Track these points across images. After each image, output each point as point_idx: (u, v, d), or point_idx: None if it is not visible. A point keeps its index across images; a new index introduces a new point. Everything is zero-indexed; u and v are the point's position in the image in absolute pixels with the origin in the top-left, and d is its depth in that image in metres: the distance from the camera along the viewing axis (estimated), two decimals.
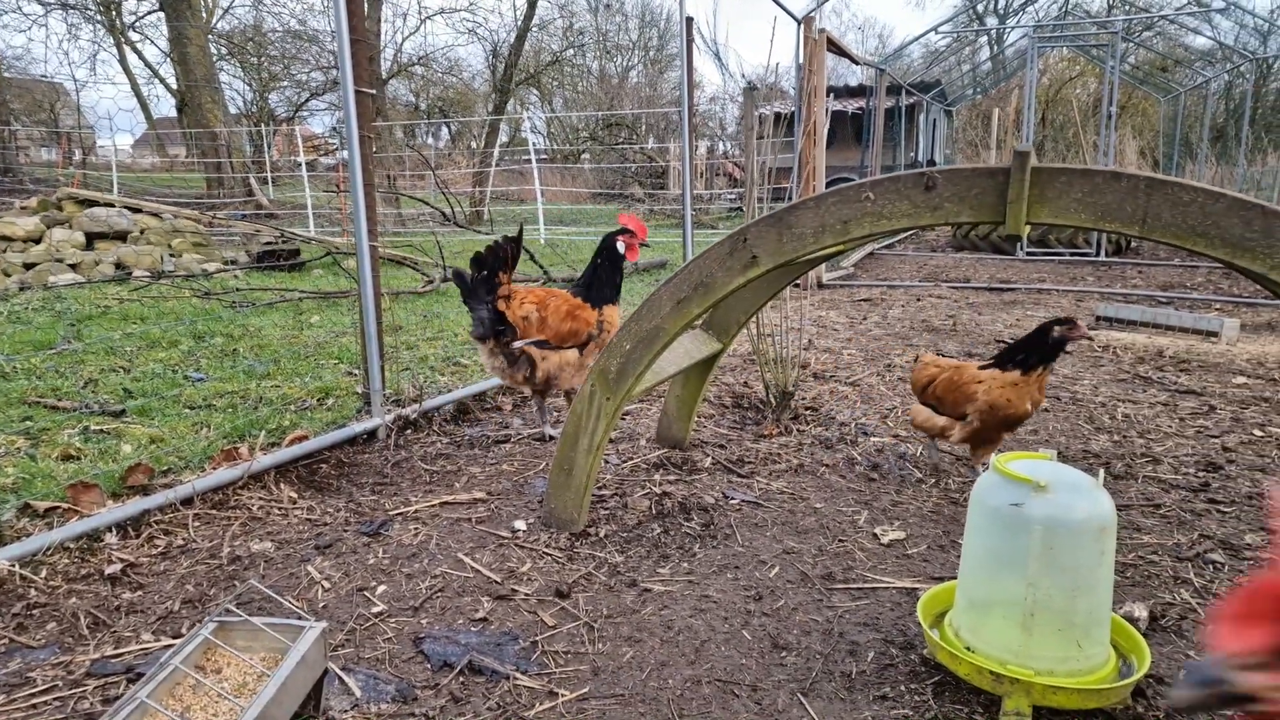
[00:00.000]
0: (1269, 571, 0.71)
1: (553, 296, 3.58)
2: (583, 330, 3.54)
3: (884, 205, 2.23)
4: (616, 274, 3.66)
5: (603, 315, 3.59)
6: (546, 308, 3.52)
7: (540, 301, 3.53)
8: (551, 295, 3.59)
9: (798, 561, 2.63)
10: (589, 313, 3.57)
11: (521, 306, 3.48)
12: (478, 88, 26.33)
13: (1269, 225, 1.85)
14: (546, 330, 3.50)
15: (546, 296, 3.57)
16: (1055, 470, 1.84)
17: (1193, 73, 18.81)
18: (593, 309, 3.58)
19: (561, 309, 3.53)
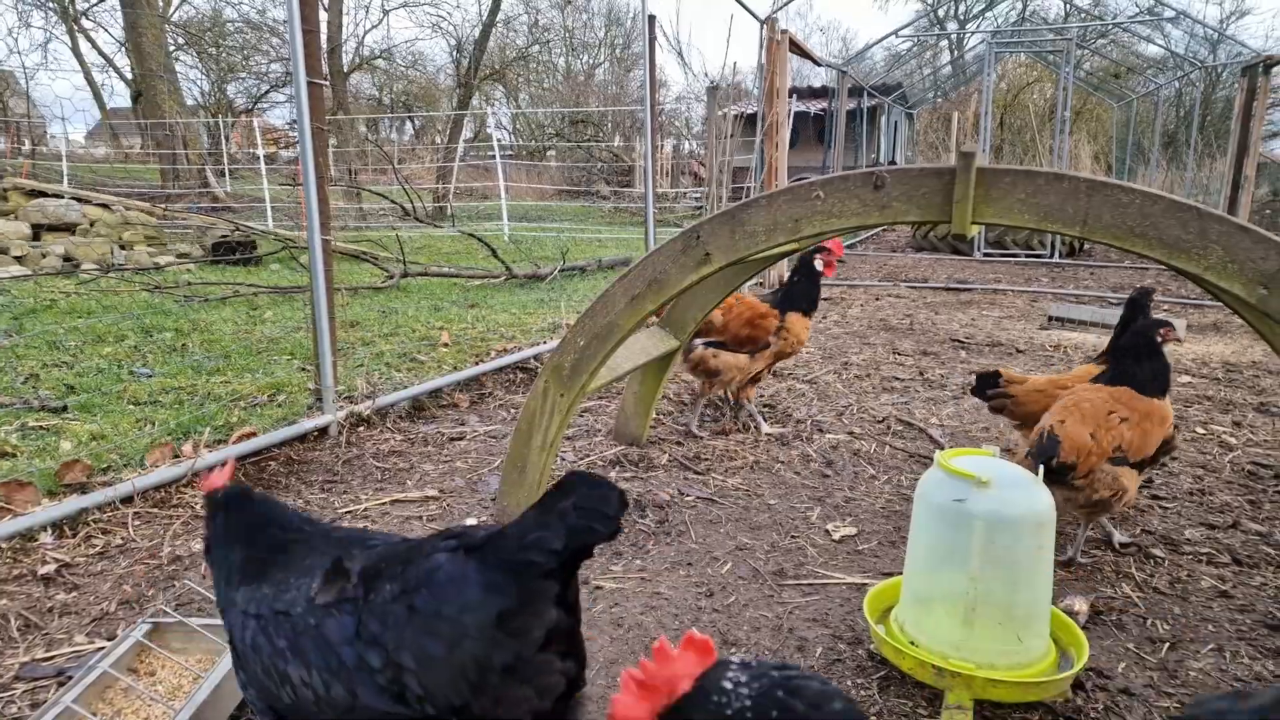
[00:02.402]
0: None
1: (740, 302, 3.78)
2: (760, 337, 3.72)
3: (834, 204, 2.25)
4: (813, 288, 3.82)
5: (784, 323, 3.73)
6: (730, 312, 3.74)
7: (726, 306, 3.72)
8: (739, 301, 3.78)
9: (750, 558, 2.64)
10: (770, 320, 3.73)
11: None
12: (441, 83, 26.07)
13: (1204, 227, 1.90)
14: (726, 334, 3.72)
15: (733, 303, 3.75)
16: (997, 466, 1.87)
17: (1145, 80, 19.31)
18: (776, 316, 3.74)
19: (744, 316, 3.73)
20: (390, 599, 1.10)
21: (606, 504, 1.03)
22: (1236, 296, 1.90)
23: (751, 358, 3.73)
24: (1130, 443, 2.47)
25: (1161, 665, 2.08)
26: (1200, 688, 1.99)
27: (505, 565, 1.05)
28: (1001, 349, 5.72)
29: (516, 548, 1.05)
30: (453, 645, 1.04)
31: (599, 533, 1.03)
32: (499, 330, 5.79)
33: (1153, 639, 2.20)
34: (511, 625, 1.04)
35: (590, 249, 12.34)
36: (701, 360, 3.72)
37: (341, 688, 1.10)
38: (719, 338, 3.72)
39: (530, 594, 1.05)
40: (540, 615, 1.06)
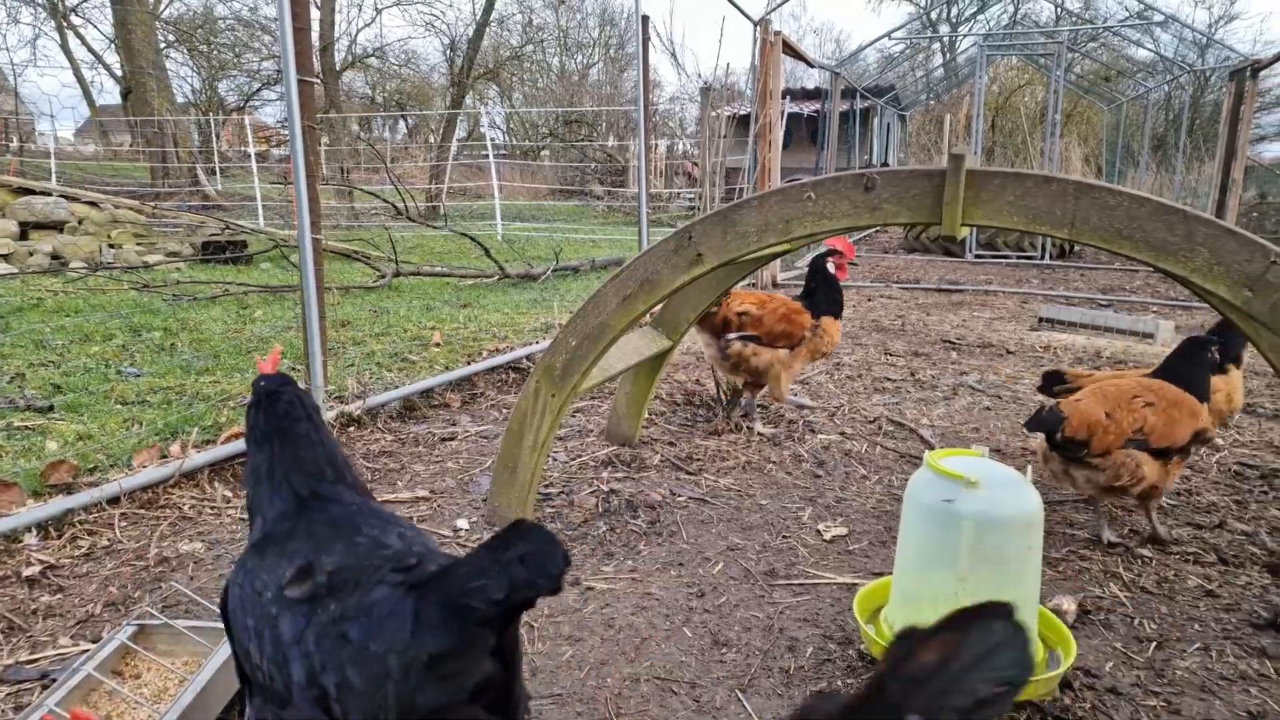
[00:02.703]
0: None
1: (773, 299, 3.84)
2: (796, 333, 3.76)
3: (825, 205, 2.25)
4: (834, 291, 3.87)
5: (819, 324, 3.80)
6: (765, 307, 3.78)
7: (759, 301, 3.81)
8: (772, 297, 3.86)
9: (741, 558, 2.64)
10: (805, 317, 3.78)
11: (741, 305, 3.78)
12: (435, 81, 26.01)
13: (1190, 230, 1.91)
14: (761, 328, 3.74)
15: (767, 299, 3.84)
16: (986, 467, 1.88)
17: (1134, 83, 19.42)
18: (809, 314, 3.80)
19: (778, 311, 3.77)
20: (330, 620, 1.11)
21: (552, 561, 1.02)
22: (1222, 299, 1.91)
23: (791, 353, 3.78)
24: (1153, 427, 2.51)
25: (1149, 664, 2.09)
26: (1187, 687, 2.00)
27: (445, 607, 1.05)
28: (992, 350, 5.74)
29: (459, 591, 1.05)
30: (376, 683, 1.04)
31: (540, 588, 1.02)
32: (491, 330, 5.78)
33: (1140, 638, 2.21)
34: (442, 670, 1.04)
35: (584, 249, 12.34)
36: (742, 356, 3.75)
37: (281, 684, 1.12)
38: (754, 332, 3.75)
39: (465, 640, 1.04)
40: (474, 663, 1.05)
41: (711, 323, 3.83)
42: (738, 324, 3.75)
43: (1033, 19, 24.81)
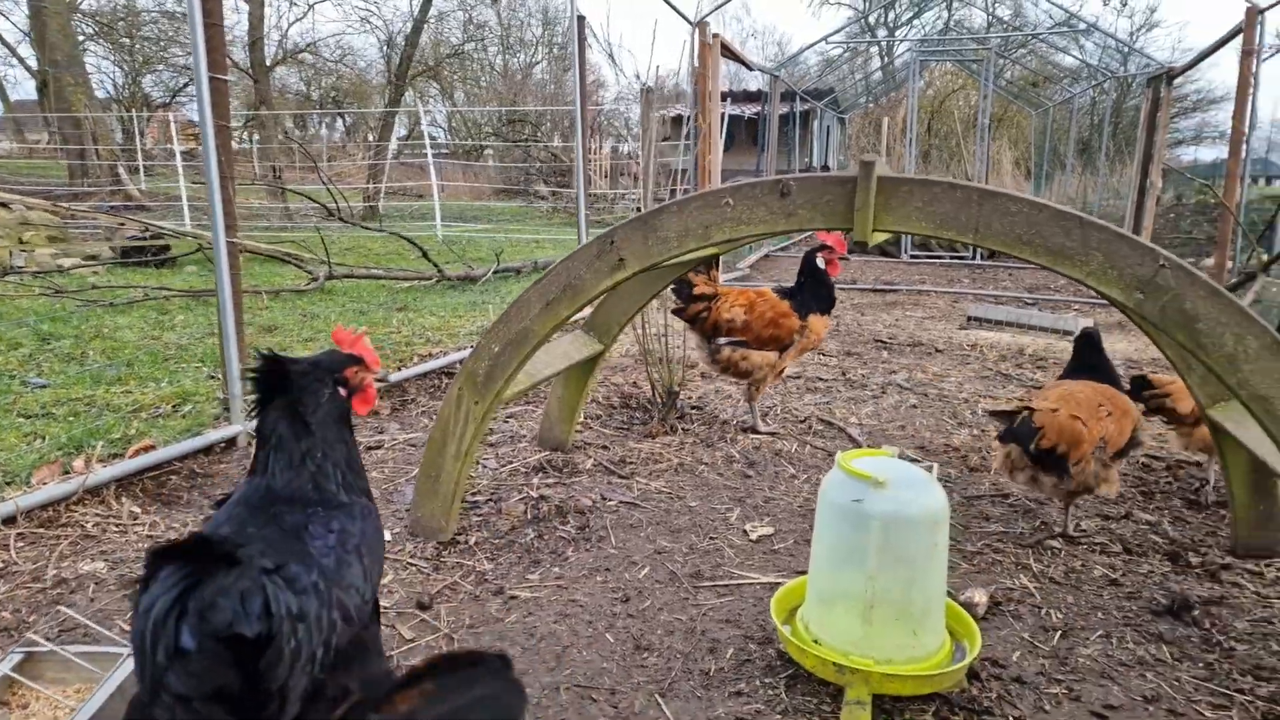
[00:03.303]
0: None
1: (761, 301, 3.88)
2: (784, 337, 3.82)
3: (743, 211, 2.28)
4: (822, 287, 3.91)
5: (806, 323, 3.84)
6: (753, 311, 3.84)
7: (749, 304, 3.86)
8: (761, 299, 3.89)
9: (668, 561, 2.66)
10: (792, 320, 3.83)
11: (730, 310, 3.85)
12: (372, 79, 25.50)
13: (1085, 235, 1.99)
14: (749, 333, 3.81)
15: (755, 301, 3.88)
16: (895, 467, 1.92)
17: (1061, 89, 20.15)
18: (797, 316, 3.84)
19: (766, 315, 3.82)
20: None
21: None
22: (1116, 300, 1.99)
23: (780, 355, 3.86)
24: (1111, 435, 2.65)
25: (1053, 653, 2.17)
26: (1088, 674, 2.08)
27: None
28: (922, 349, 5.89)
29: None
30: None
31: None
32: (425, 334, 5.69)
33: (1046, 627, 2.30)
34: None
35: (526, 250, 12.25)
36: (731, 361, 3.84)
37: None
38: (742, 337, 3.83)
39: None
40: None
41: (702, 326, 3.91)
42: (727, 329, 3.83)
43: (966, 26, 25.58)
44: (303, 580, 1.16)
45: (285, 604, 1.05)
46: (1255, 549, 2.73)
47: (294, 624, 1.06)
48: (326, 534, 1.34)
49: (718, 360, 3.89)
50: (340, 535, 1.35)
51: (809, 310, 3.88)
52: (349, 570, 1.31)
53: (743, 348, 3.83)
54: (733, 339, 3.84)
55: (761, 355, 3.83)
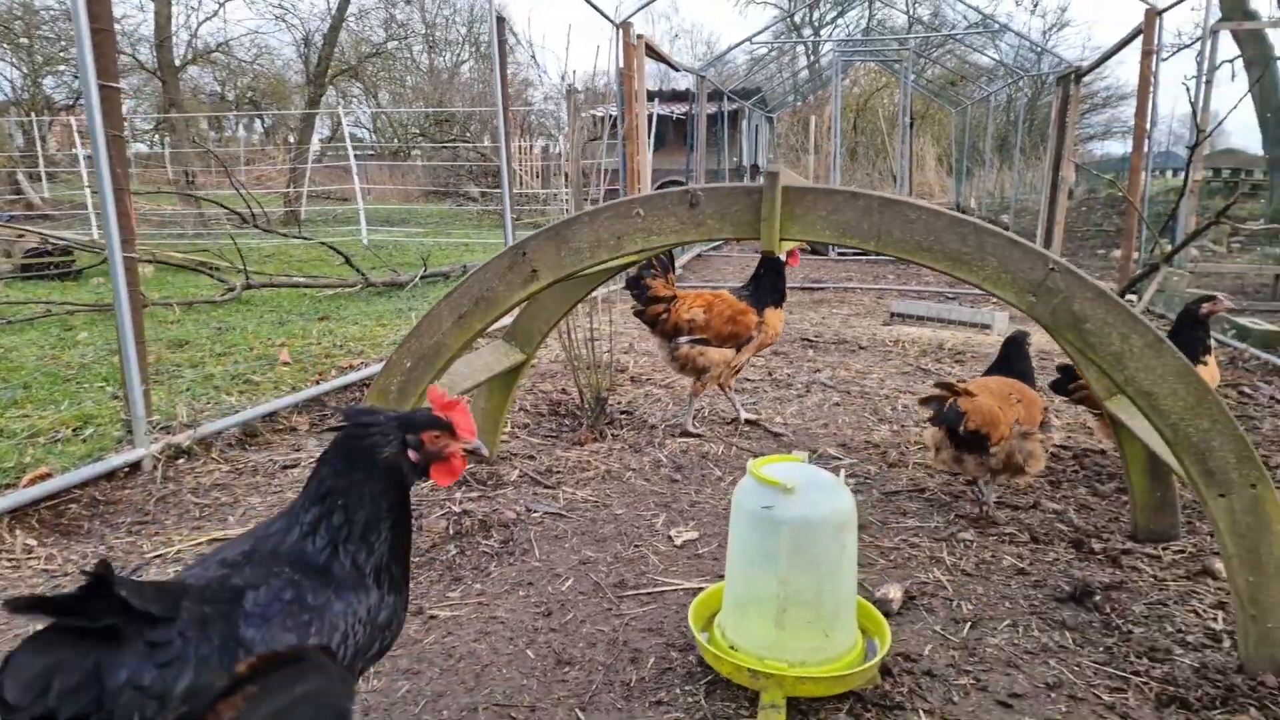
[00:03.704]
0: None
1: (719, 300, 4.02)
2: (742, 333, 3.97)
3: (654, 221, 2.29)
4: (780, 280, 4.08)
5: (763, 318, 3.99)
6: (712, 310, 3.97)
7: (707, 305, 3.99)
8: (719, 299, 4.03)
9: (593, 571, 2.65)
10: (750, 317, 3.98)
11: (689, 310, 3.98)
12: (290, 78, 24.71)
13: (980, 241, 2.06)
14: (709, 331, 3.94)
15: (714, 300, 4.02)
16: (804, 472, 1.96)
17: (979, 87, 20.87)
18: (755, 312, 3.99)
19: (725, 313, 3.96)
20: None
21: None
22: (1011, 302, 2.07)
23: (738, 351, 3.99)
24: (1023, 418, 2.93)
25: (963, 644, 2.24)
26: (995, 663, 2.16)
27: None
28: (847, 346, 6.02)
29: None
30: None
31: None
32: (347, 345, 5.55)
33: (957, 619, 2.37)
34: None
35: (456, 254, 12.08)
36: (689, 358, 3.96)
37: None
38: (702, 335, 3.94)
39: None
40: None
41: (662, 328, 4.02)
42: (687, 328, 3.95)
43: (887, 26, 26.29)
44: (174, 649, 1.12)
45: (125, 676, 1.04)
46: (1154, 534, 2.87)
47: (139, 696, 1.05)
48: (272, 603, 1.25)
49: (676, 357, 4.00)
50: (289, 606, 1.26)
51: (764, 304, 4.03)
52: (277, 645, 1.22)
53: (702, 344, 3.95)
54: (693, 337, 3.97)
55: (719, 352, 3.97)
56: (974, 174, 21.96)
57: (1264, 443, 3.90)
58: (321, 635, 1.28)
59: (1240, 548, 1.98)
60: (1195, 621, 2.35)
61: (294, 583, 1.30)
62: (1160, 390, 1.98)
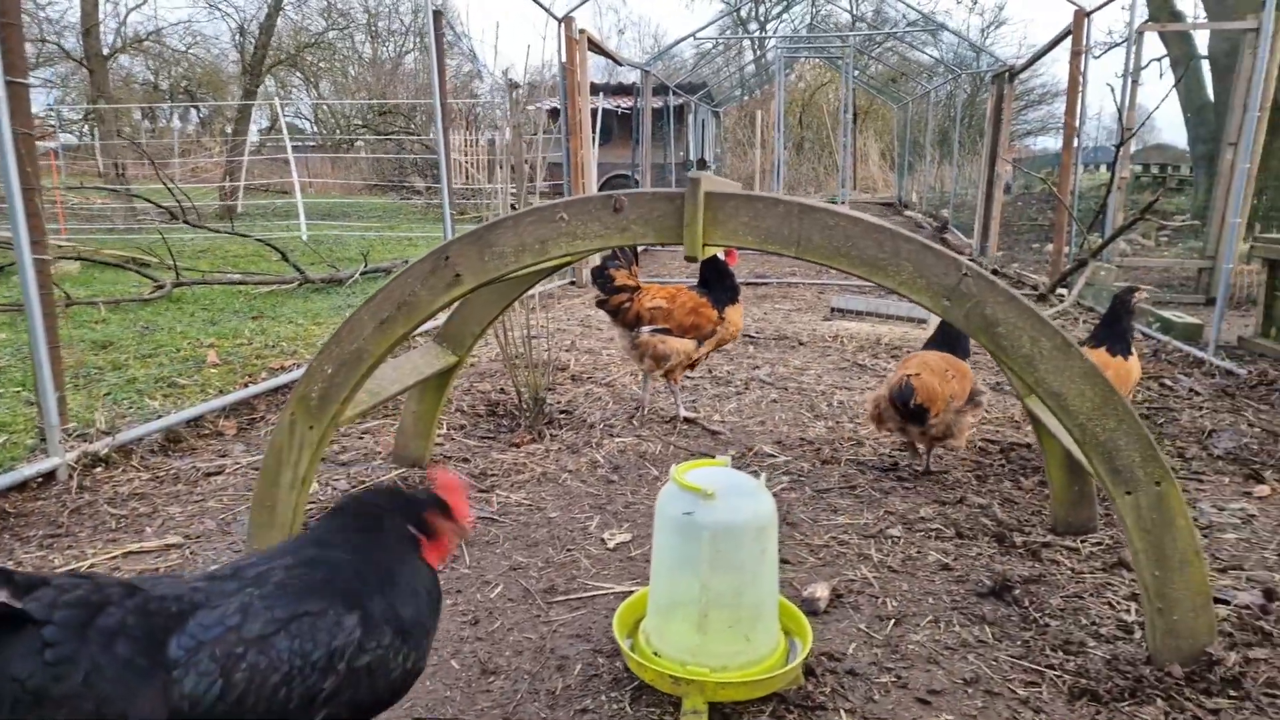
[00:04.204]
0: None
1: (682, 293, 4.12)
2: (703, 326, 4.06)
3: (578, 225, 2.26)
4: (727, 277, 4.18)
5: (724, 316, 4.09)
6: (675, 302, 4.06)
7: (670, 296, 4.08)
8: (680, 292, 4.13)
9: (523, 577, 2.63)
10: (711, 312, 4.07)
11: (652, 300, 4.06)
12: (226, 68, 23.93)
13: (896, 246, 2.09)
14: (671, 321, 4.02)
15: (676, 293, 4.11)
16: (726, 476, 1.97)
17: (920, 84, 21.28)
18: (715, 309, 4.08)
19: (688, 305, 4.06)
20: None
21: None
22: (927, 306, 2.11)
23: (698, 345, 4.07)
24: (956, 393, 3.34)
25: (886, 642, 2.28)
26: (916, 660, 2.20)
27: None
28: (787, 342, 6.09)
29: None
30: None
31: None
32: (280, 345, 5.41)
33: (882, 617, 2.41)
34: None
35: (399, 249, 11.88)
36: (649, 345, 4.03)
37: None
38: (665, 325, 4.03)
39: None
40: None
41: (624, 317, 4.08)
42: (649, 318, 4.03)
43: (832, 21, 26.63)
44: (63, 649, 1.14)
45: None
46: (1073, 526, 2.97)
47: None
48: (213, 626, 1.24)
49: (637, 345, 4.06)
50: (226, 634, 1.24)
51: (724, 303, 4.12)
52: (196, 676, 1.21)
53: (663, 334, 4.02)
54: (655, 327, 4.03)
55: (680, 342, 4.04)
56: (916, 169, 22.41)
57: (1182, 434, 4.05)
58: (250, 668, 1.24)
59: (1146, 543, 2.05)
60: (1109, 613, 2.43)
61: (246, 608, 1.27)
62: (1069, 391, 2.04)
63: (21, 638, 1.13)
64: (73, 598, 1.18)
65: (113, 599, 1.21)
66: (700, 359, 4.19)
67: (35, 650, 1.13)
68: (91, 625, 1.17)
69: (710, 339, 4.11)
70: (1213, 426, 4.12)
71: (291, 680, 1.25)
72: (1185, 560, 2.03)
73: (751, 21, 26.22)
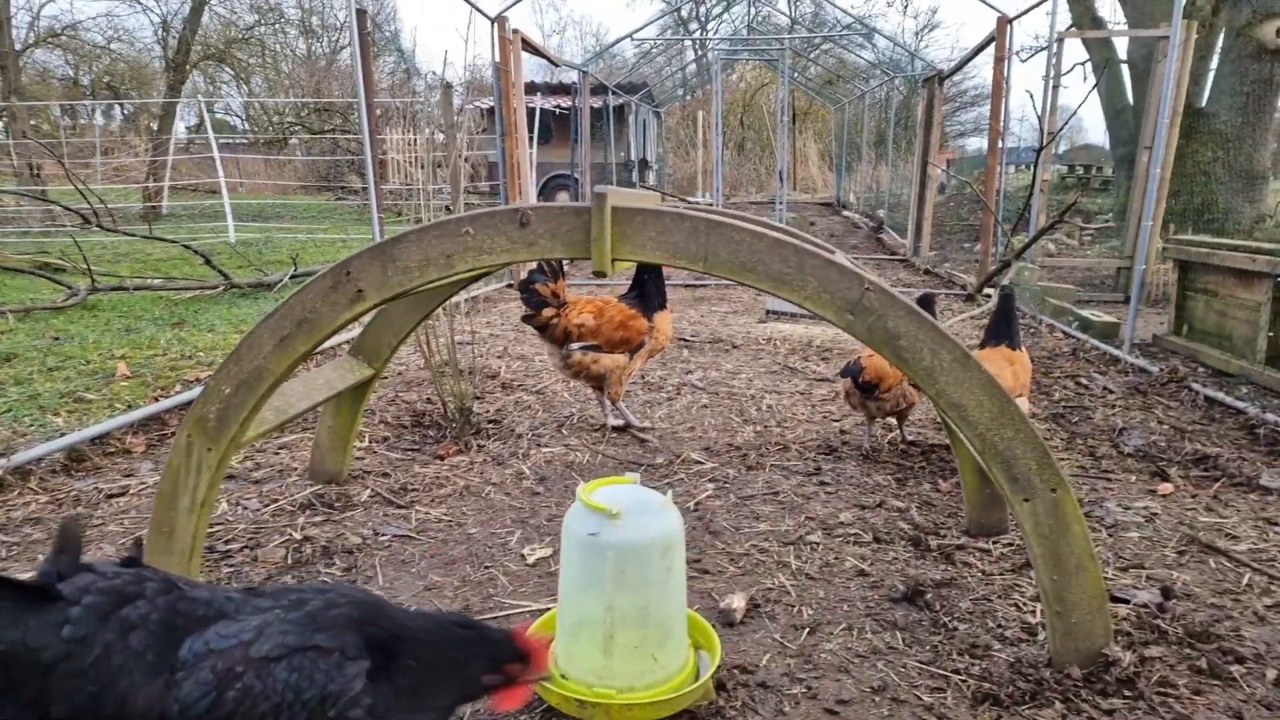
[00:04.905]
0: None
1: (609, 306, 4.02)
2: (634, 338, 3.99)
3: (484, 240, 2.22)
4: (660, 280, 4.14)
5: (653, 323, 4.04)
6: (602, 316, 3.96)
7: (598, 311, 3.98)
8: (608, 305, 4.02)
9: (437, 598, 2.57)
10: (640, 322, 4.00)
11: (579, 316, 3.95)
12: (151, 64, 23.01)
13: (801, 261, 2.10)
14: (600, 337, 3.93)
15: (604, 306, 4.01)
16: (633, 495, 1.95)
17: (856, 86, 21.67)
18: (645, 319, 4.01)
19: (615, 319, 3.96)
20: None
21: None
22: (832, 320, 2.12)
23: (630, 358, 4.02)
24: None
25: (800, 651, 2.30)
26: (827, 669, 2.22)
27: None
28: (721, 345, 6.12)
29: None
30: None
31: None
32: (198, 355, 5.22)
33: (797, 626, 2.43)
34: None
35: (332, 251, 11.61)
36: (583, 366, 3.96)
37: None
38: (593, 341, 3.94)
39: None
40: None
41: (553, 333, 3.96)
42: (578, 334, 3.94)
43: (772, 22, 26.92)
44: (80, 629, 1.21)
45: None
46: (985, 528, 3.04)
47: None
48: (225, 637, 1.25)
49: (569, 365, 3.98)
50: (235, 646, 1.24)
51: (653, 309, 4.07)
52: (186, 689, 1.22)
53: (594, 351, 3.94)
54: (584, 344, 3.94)
55: (611, 359, 3.96)
56: (854, 169, 22.83)
57: (1095, 432, 4.19)
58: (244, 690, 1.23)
59: (1044, 548, 2.11)
60: (1015, 615, 2.49)
61: (264, 628, 1.27)
62: (968, 402, 2.08)
63: (50, 611, 1.20)
64: (106, 585, 1.24)
65: (145, 593, 1.26)
66: (634, 371, 4.16)
67: (56, 625, 1.19)
68: (115, 614, 1.22)
69: (641, 351, 4.05)
70: (1124, 424, 4.28)
71: (279, 713, 1.23)
72: (1081, 564, 2.09)
73: (692, 21, 26.37)
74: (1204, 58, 12.50)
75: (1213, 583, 2.68)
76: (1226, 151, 12.31)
